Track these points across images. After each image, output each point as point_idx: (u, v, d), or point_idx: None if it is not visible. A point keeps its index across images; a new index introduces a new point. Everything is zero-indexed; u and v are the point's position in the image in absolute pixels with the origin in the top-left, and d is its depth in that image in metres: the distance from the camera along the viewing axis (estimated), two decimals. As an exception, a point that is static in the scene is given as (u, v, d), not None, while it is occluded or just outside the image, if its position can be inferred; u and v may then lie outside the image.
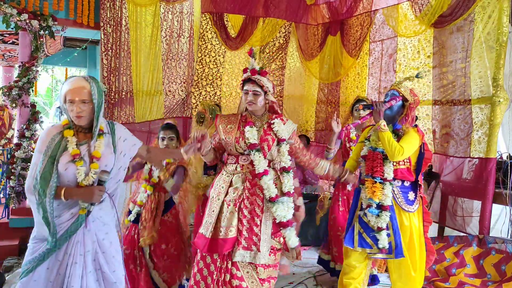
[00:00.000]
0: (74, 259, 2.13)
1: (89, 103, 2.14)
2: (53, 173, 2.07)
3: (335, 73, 5.96)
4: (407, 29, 4.83)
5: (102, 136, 2.23)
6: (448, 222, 4.40)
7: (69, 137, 2.15)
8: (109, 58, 5.16)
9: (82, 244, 2.16)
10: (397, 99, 2.92)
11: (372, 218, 2.91)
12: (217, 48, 5.79)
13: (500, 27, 3.88)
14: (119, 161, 2.26)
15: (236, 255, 2.58)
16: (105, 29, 5.11)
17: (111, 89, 5.18)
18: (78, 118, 2.14)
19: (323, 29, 6.10)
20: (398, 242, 2.88)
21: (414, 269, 2.99)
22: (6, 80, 9.14)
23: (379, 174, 2.90)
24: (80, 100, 2.12)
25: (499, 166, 4.05)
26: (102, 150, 2.19)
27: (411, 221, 2.96)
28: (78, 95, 2.12)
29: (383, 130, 2.81)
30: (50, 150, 2.11)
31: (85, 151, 2.18)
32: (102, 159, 2.18)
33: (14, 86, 4.87)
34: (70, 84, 2.15)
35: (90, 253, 2.19)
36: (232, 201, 2.63)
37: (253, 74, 2.68)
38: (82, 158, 2.14)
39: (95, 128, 2.18)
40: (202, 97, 5.78)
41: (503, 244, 3.69)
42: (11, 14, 4.73)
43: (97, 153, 2.17)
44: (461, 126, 4.27)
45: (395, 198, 2.94)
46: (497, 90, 3.91)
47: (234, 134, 2.68)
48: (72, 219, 2.13)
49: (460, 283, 3.66)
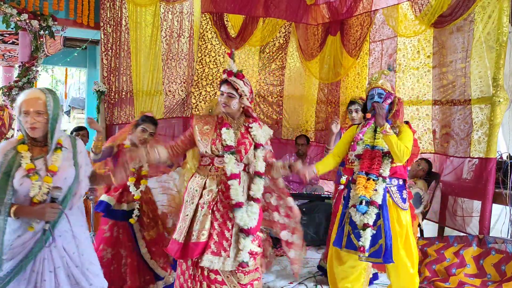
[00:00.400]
0: (42, 276, 2.06)
1: (44, 114, 2.08)
2: (7, 190, 2.01)
3: (335, 73, 5.96)
4: (407, 29, 4.83)
5: (60, 150, 2.16)
6: (448, 222, 4.39)
7: (23, 152, 2.08)
8: (109, 58, 5.16)
9: (50, 261, 2.08)
10: (391, 96, 2.90)
11: (358, 215, 2.85)
12: (217, 48, 5.79)
13: (500, 27, 3.88)
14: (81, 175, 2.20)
15: (204, 259, 2.48)
16: (105, 29, 5.11)
17: (111, 89, 5.18)
18: (32, 129, 2.07)
19: (323, 29, 6.10)
20: (389, 246, 2.82)
21: (412, 265, 2.99)
22: (6, 80, 9.14)
23: (376, 171, 2.87)
24: (34, 111, 2.06)
25: (499, 166, 4.05)
26: (59, 164, 2.12)
27: (406, 219, 2.95)
28: (32, 106, 2.06)
29: (388, 133, 2.76)
30: (4, 167, 2.04)
31: (41, 165, 2.10)
32: (60, 172, 2.11)
33: (14, 86, 4.87)
34: (25, 95, 2.10)
35: (61, 269, 2.11)
36: (206, 203, 2.55)
37: (229, 76, 2.62)
38: (37, 172, 2.07)
39: (49, 140, 2.11)
40: (202, 97, 5.78)
41: (503, 244, 3.68)
42: (11, 14, 4.73)
43: (53, 167, 2.10)
44: (461, 126, 4.27)
45: (392, 198, 2.91)
46: (497, 90, 3.91)
47: (211, 136, 2.61)
48: (35, 238, 2.05)
49: (460, 283, 3.65)
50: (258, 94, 6.15)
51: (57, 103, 2.12)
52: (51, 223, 2.06)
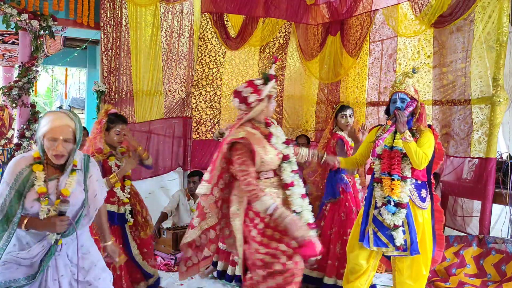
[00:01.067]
0: (46, 284, 2.05)
1: (72, 142, 2.02)
2: (17, 210, 1.96)
3: (335, 73, 5.96)
4: (407, 29, 4.83)
5: (75, 172, 2.10)
6: (448, 222, 4.39)
7: (37, 172, 2.01)
8: (109, 58, 5.16)
9: (54, 269, 2.07)
10: (413, 103, 2.91)
11: (388, 216, 2.89)
12: (217, 48, 5.79)
13: (500, 27, 3.88)
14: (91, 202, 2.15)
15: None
16: (105, 29, 5.11)
17: (111, 89, 5.17)
18: (57, 157, 2.01)
19: (323, 29, 6.11)
20: (414, 239, 2.88)
21: (425, 266, 2.99)
22: (6, 80, 9.15)
23: (397, 171, 2.90)
24: (63, 139, 1.98)
25: (499, 166, 4.05)
26: (72, 188, 2.06)
27: (423, 217, 2.97)
28: (62, 134, 1.98)
29: (408, 141, 2.80)
30: (18, 184, 1.98)
31: (53, 188, 2.05)
32: (71, 198, 2.05)
33: (14, 86, 4.86)
34: (53, 121, 2.00)
35: (64, 277, 2.08)
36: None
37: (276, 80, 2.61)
38: (48, 196, 2.02)
39: (68, 165, 2.06)
40: (202, 97, 5.78)
41: (503, 244, 3.68)
42: (11, 14, 4.73)
43: (66, 191, 2.04)
44: (461, 126, 4.27)
45: (410, 195, 2.94)
46: (497, 90, 3.91)
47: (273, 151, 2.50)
48: (43, 251, 2.03)
49: (460, 283, 3.66)
50: (258, 94, 6.15)
51: (81, 126, 2.08)
52: (63, 235, 2.04)
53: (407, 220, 2.90)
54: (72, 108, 13.63)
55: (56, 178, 2.07)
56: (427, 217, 3.00)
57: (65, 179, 2.07)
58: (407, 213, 2.90)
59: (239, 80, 5.94)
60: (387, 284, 3.82)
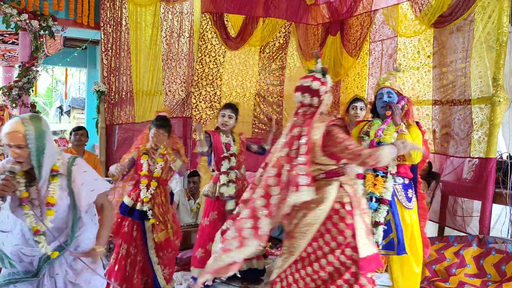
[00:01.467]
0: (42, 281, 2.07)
1: (25, 148, 1.95)
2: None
3: (335, 73, 5.95)
4: (407, 29, 4.83)
5: (56, 178, 2.05)
6: (448, 222, 4.39)
7: (18, 177, 1.99)
8: (109, 58, 5.16)
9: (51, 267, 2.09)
10: (404, 98, 2.93)
11: (369, 212, 2.84)
12: (217, 48, 5.79)
13: (500, 27, 3.88)
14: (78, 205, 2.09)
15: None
16: (105, 29, 5.11)
17: (111, 89, 5.18)
18: (17, 163, 1.98)
19: (323, 29, 6.11)
20: (401, 238, 2.87)
21: (417, 265, 2.99)
22: (6, 80, 9.15)
23: (382, 168, 2.89)
24: (14, 145, 1.95)
25: (499, 166, 4.05)
26: (57, 194, 2.02)
27: (411, 218, 2.97)
28: (12, 140, 1.95)
29: (404, 132, 2.80)
30: None
31: (34, 194, 2.03)
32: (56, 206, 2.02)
33: (14, 86, 4.86)
34: (6, 127, 1.98)
35: (59, 276, 2.10)
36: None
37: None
38: (30, 201, 2.00)
39: (38, 175, 2.00)
40: (202, 97, 5.78)
41: (503, 244, 3.68)
42: (11, 14, 4.73)
43: (51, 199, 2.00)
44: (461, 126, 4.27)
45: (396, 195, 2.93)
46: (497, 90, 3.91)
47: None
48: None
49: (460, 283, 3.66)
50: (258, 94, 6.15)
51: (40, 133, 1.98)
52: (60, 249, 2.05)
53: (394, 219, 2.88)
54: (72, 108, 13.63)
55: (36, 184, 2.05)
56: (415, 218, 2.99)
57: (48, 186, 2.03)
58: (393, 212, 2.88)
59: (239, 80, 5.94)
60: (387, 284, 3.82)
